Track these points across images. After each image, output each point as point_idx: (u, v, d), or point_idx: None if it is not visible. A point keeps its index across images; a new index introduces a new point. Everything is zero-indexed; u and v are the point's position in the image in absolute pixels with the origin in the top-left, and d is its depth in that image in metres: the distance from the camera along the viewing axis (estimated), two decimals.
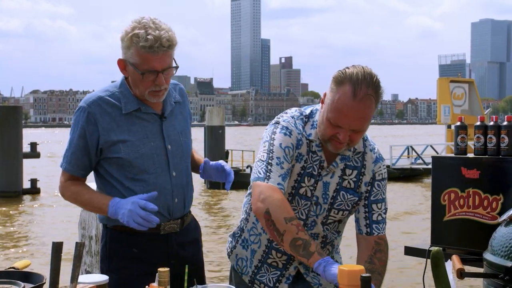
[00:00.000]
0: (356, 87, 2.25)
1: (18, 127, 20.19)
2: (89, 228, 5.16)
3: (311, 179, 2.47)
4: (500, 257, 2.07)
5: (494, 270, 2.09)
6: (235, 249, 2.72)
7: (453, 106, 22.40)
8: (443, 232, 4.34)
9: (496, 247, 2.11)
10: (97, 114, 2.58)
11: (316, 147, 2.46)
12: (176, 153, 2.71)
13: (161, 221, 2.63)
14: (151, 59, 2.50)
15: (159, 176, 2.65)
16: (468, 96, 22.91)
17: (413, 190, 19.90)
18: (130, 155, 2.59)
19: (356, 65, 2.33)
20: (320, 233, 2.54)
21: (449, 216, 4.31)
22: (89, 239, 5.13)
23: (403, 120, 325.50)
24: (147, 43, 2.45)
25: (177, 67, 2.61)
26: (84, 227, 5.21)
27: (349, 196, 2.51)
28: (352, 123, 2.29)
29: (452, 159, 4.35)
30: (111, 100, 2.61)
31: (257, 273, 2.64)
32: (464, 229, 4.22)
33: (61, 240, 1.73)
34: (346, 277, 1.93)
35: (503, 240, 2.09)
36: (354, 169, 2.51)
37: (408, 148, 26.99)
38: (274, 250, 2.58)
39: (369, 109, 2.29)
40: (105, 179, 2.68)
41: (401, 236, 11.10)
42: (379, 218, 2.55)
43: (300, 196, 2.49)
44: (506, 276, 2.01)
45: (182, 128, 2.78)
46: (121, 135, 2.60)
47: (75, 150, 2.62)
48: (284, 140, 2.42)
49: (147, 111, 2.65)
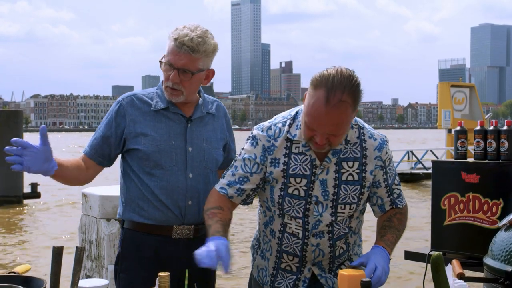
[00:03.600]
0: (330, 93, 2.22)
1: (18, 131, 20.18)
2: (90, 232, 5.16)
3: (303, 180, 2.46)
4: (500, 261, 2.07)
5: (494, 274, 2.09)
6: (256, 261, 2.72)
7: (453, 110, 22.41)
8: (443, 237, 4.34)
9: (496, 252, 2.11)
10: (128, 107, 2.72)
11: (303, 147, 2.45)
12: (196, 157, 2.74)
13: (173, 222, 2.67)
14: (172, 52, 2.61)
15: (174, 174, 2.69)
16: (469, 101, 22.90)
17: (413, 194, 19.88)
18: (149, 148, 2.67)
19: (335, 67, 2.30)
20: (325, 230, 2.50)
21: (449, 220, 4.31)
22: (89, 243, 5.13)
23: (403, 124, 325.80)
24: (175, 36, 2.59)
25: (192, 73, 2.63)
26: (84, 232, 5.21)
27: (351, 187, 2.48)
28: (326, 129, 2.29)
29: (452, 163, 4.36)
30: (144, 98, 2.75)
31: (274, 281, 2.62)
32: (464, 234, 4.22)
33: (62, 244, 1.73)
34: (347, 282, 1.94)
35: (503, 245, 2.09)
36: (354, 160, 2.48)
37: (408, 153, 27.01)
38: (285, 253, 2.57)
39: (343, 114, 2.26)
40: (126, 173, 2.77)
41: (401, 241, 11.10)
42: (399, 191, 2.60)
43: (291, 195, 2.48)
44: (507, 281, 2.01)
45: (209, 137, 2.81)
46: (145, 128, 2.69)
47: (98, 136, 2.74)
48: (248, 151, 2.52)
49: (174, 111, 2.73)
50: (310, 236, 2.49)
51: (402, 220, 2.56)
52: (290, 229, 2.51)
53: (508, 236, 2.11)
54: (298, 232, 2.50)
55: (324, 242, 2.51)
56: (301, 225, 2.49)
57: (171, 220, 2.68)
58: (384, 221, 2.53)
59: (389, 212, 2.56)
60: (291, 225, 2.51)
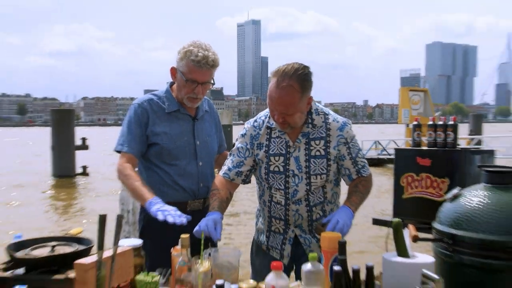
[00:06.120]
0: (280, 79, 2.27)
1: (71, 126, 20.19)
2: (127, 203, 5.17)
3: (280, 158, 2.47)
4: (445, 226, 2.09)
5: (440, 236, 2.11)
6: (257, 226, 2.73)
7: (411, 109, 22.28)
8: (402, 207, 4.35)
9: (443, 218, 2.13)
10: (149, 110, 2.67)
11: (279, 132, 2.48)
12: (203, 149, 2.74)
13: (188, 199, 2.68)
14: (195, 72, 2.56)
15: (188, 164, 2.69)
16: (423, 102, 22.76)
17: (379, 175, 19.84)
18: (169, 145, 2.64)
19: (291, 62, 2.34)
20: (302, 198, 2.49)
21: (407, 194, 4.32)
22: (127, 212, 5.14)
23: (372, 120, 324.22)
24: (196, 58, 2.53)
25: (213, 84, 2.65)
26: (123, 203, 5.22)
27: (319, 161, 2.46)
28: (277, 107, 2.32)
29: (409, 150, 4.36)
30: (158, 102, 2.71)
31: (268, 240, 2.62)
32: (418, 205, 4.23)
33: (105, 213, 1.74)
34: (327, 241, 1.95)
35: (448, 213, 2.10)
36: (320, 139, 2.47)
37: (376, 142, 26.99)
38: (274, 218, 2.58)
39: (290, 96, 2.28)
40: (147, 163, 2.71)
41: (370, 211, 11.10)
42: (363, 163, 2.55)
43: (273, 172, 2.49)
44: (450, 240, 2.03)
45: (209, 131, 2.82)
46: (163, 128, 2.66)
47: (134, 136, 2.63)
48: (241, 141, 2.57)
49: (184, 113, 2.72)
50: (290, 203, 2.49)
51: (366, 186, 2.52)
52: (276, 198, 2.52)
53: (452, 206, 2.13)
54: (281, 201, 2.51)
55: (302, 208, 2.50)
56: (283, 195, 2.50)
57: (187, 198, 2.68)
58: (352, 187, 2.51)
59: (355, 180, 2.52)
60: (276, 195, 2.52)
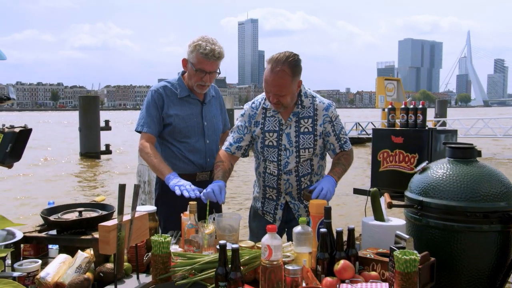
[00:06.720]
0: (274, 64, 2.29)
1: (96, 110, 20.10)
2: (143, 175, 5.16)
3: (274, 134, 2.47)
4: (415, 194, 2.08)
5: (411, 202, 2.10)
6: (253, 194, 2.72)
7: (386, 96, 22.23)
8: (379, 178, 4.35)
9: (413, 188, 2.12)
10: (163, 95, 2.65)
11: (273, 112, 2.48)
12: (210, 128, 2.72)
13: (196, 171, 2.67)
14: (204, 63, 2.55)
15: (197, 141, 2.67)
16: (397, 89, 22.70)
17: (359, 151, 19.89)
18: (180, 125, 2.63)
19: (283, 51, 2.34)
20: (292, 169, 2.48)
21: (383, 168, 4.32)
22: (143, 183, 5.14)
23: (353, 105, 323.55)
24: (204, 51, 2.52)
25: (219, 73, 2.64)
26: (140, 175, 5.21)
27: (307, 136, 2.46)
28: (272, 89, 2.33)
29: (385, 130, 4.35)
30: (171, 88, 2.68)
31: (263, 206, 2.62)
32: (392, 176, 4.24)
33: (124, 183, 1.72)
34: (315, 207, 1.94)
35: (418, 183, 2.10)
36: (308, 118, 2.47)
37: (356, 124, 27.00)
38: (267, 187, 2.57)
39: (282, 79, 2.30)
40: (160, 140, 2.69)
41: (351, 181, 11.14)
42: (345, 139, 2.54)
43: (268, 146, 2.49)
44: (419, 206, 2.03)
45: (215, 113, 2.79)
46: (176, 110, 2.64)
47: (153, 118, 2.62)
48: (240, 120, 2.57)
49: (194, 97, 2.70)
50: (282, 174, 2.49)
51: (348, 158, 2.51)
52: (269, 169, 2.52)
53: (420, 177, 2.13)
54: (274, 171, 2.50)
55: (292, 178, 2.49)
56: (276, 166, 2.49)
57: (195, 171, 2.66)
58: (335, 159, 2.50)
59: (339, 154, 2.52)
60: (270, 167, 2.51)
